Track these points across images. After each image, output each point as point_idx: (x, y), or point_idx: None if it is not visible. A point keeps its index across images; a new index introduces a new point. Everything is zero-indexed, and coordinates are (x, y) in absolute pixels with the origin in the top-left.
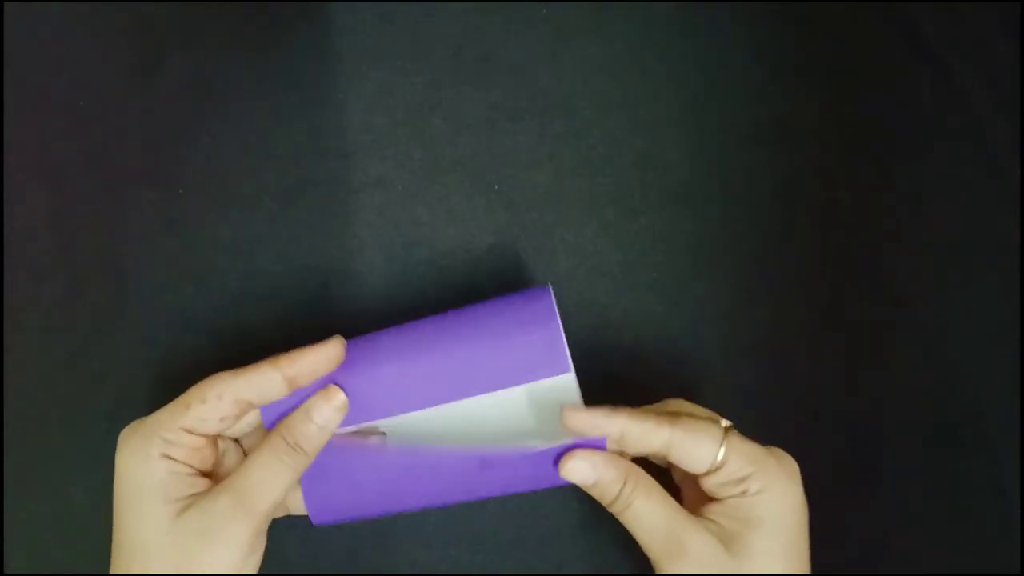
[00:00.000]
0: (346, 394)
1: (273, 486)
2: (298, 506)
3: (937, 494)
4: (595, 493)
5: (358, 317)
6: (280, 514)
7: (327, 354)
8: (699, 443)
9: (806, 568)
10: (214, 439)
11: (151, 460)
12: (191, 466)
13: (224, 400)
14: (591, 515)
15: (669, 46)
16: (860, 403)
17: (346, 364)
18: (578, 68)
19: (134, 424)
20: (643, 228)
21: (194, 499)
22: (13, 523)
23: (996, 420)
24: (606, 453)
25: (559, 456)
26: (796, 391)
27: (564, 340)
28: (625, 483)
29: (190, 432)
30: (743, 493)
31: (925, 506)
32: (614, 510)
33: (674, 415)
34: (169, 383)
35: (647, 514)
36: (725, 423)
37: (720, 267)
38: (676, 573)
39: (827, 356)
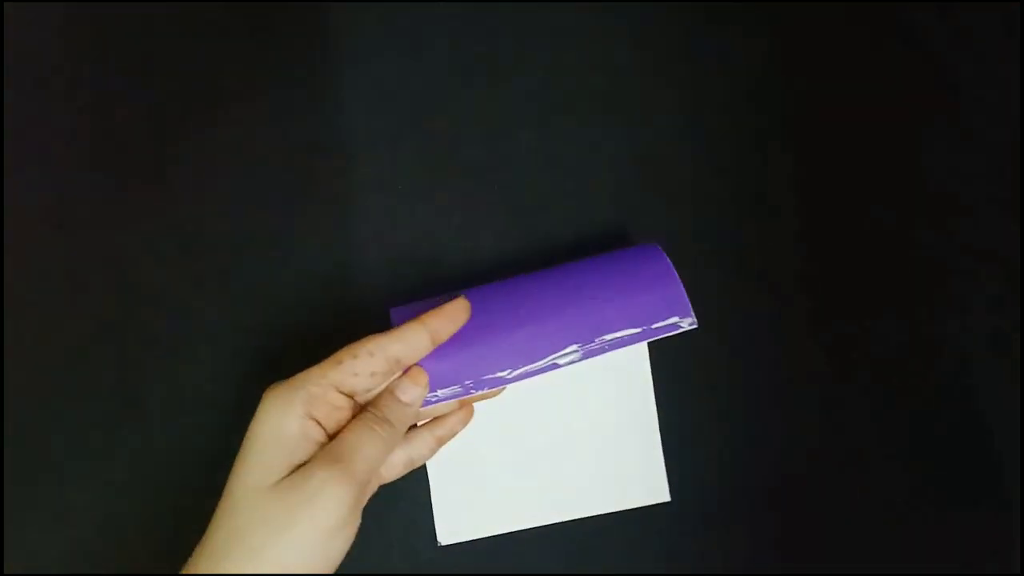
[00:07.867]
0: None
1: (368, 453)
2: (391, 474)
3: (938, 495)
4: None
5: (359, 316)
6: (375, 488)
7: (460, 308)
8: None
9: None
10: (354, 403)
11: (290, 415)
12: (325, 430)
13: (376, 356)
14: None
15: (669, 46)
16: (859, 403)
17: (485, 322)
18: (578, 68)
19: (283, 381)
20: (644, 228)
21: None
22: (13, 523)
23: (996, 420)
24: None
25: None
26: (794, 390)
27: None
28: None
29: (338, 389)
30: None
31: (925, 506)
32: None
33: None
34: (169, 383)
35: None
36: None
37: (720, 266)
38: None
39: (826, 355)
